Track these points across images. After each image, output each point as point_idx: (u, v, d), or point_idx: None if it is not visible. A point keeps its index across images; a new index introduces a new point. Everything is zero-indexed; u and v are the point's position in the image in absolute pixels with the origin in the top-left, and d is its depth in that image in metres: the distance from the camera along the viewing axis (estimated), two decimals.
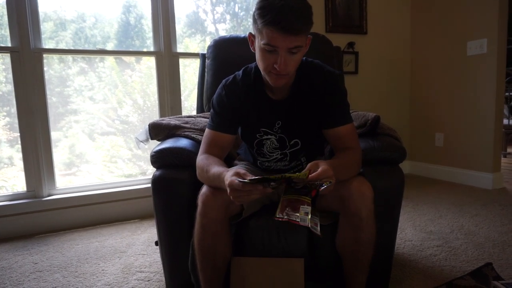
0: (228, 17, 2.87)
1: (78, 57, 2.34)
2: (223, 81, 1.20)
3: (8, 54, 2.07)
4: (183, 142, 1.30)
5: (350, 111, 1.37)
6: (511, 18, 2.99)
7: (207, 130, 1.17)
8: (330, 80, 1.12)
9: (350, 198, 0.99)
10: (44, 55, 2.18)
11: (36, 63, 2.12)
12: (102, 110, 2.44)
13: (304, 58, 1.18)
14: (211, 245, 1.05)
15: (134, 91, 2.54)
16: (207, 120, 1.53)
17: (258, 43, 1.01)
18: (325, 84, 1.12)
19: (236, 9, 2.86)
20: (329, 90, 1.12)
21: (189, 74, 2.66)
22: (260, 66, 1.05)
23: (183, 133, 1.41)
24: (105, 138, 2.48)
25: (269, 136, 1.18)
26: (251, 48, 1.08)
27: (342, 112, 1.13)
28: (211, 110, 1.19)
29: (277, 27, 0.91)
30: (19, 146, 2.16)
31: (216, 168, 1.00)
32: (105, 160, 2.49)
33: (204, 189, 1.04)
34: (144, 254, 1.77)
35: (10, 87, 2.14)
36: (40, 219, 2.14)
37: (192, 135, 1.39)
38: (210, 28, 2.81)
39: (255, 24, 0.98)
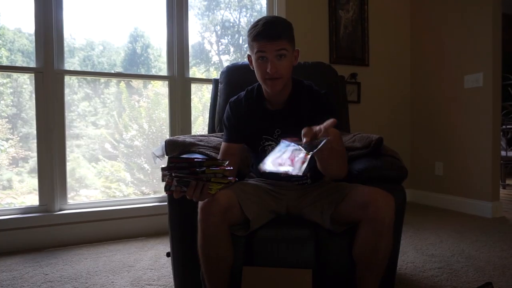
0: (232, 48, 3.01)
1: (84, 82, 2.45)
2: (230, 100, 1.41)
3: (33, 74, 2.21)
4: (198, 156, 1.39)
5: (356, 133, 1.46)
6: (506, 55, 3.15)
7: (222, 143, 1.38)
8: (316, 94, 1.32)
9: (375, 204, 1.06)
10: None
11: (58, 83, 2.25)
12: (104, 135, 2.51)
13: (302, 80, 1.37)
14: (212, 249, 1.12)
15: (140, 116, 2.63)
16: (220, 139, 1.64)
17: (253, 57, 1.24)
18: (312, 98, 1.32)
19: (240, 41, 3.00)
20: (317, 102, 1.31)
21: (195, 101, 2.72)
22: (258, 77, 1.26)
23: (197, 149, 1.50)
24: (105, 163, 2.54)
25: (271, 143, 1.33)
26: (251, 67, 1.29)
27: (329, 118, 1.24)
28: (223, 126, 1.40)
29: (262, 36, 1.18)
30: (27, 164, 2.28)
31: None
32: (104, 185, 2.55)
33: None
34: (152, 269, 1.81)
35: (22, 107, 2.26)
36: (50, 233, 2.19)
37: (206, 152, 1.47)
38: (215, 58, 2.95)
39: (248, 43, 1.24)
